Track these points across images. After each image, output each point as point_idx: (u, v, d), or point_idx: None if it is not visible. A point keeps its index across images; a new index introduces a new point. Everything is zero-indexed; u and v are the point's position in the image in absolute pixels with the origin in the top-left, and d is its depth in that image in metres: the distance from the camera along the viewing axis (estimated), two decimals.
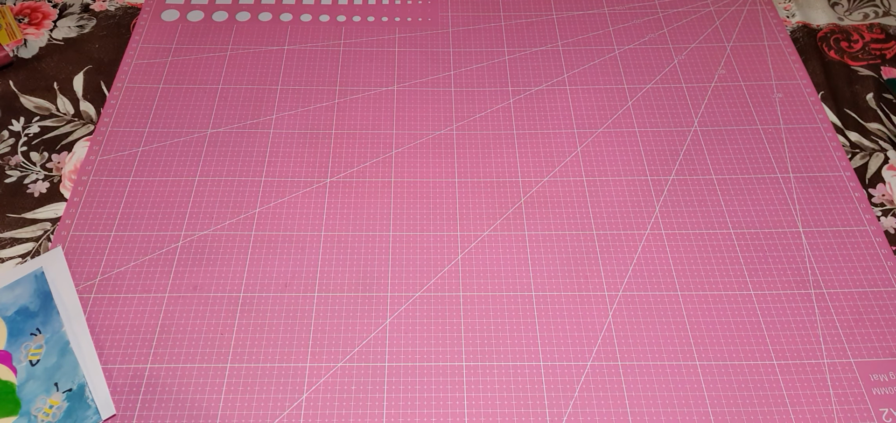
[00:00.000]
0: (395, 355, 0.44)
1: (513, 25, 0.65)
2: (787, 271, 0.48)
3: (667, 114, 0.58)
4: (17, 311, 0.44)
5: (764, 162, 0.54)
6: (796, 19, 0.67)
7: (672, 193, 0.52)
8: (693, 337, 0.45)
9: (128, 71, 0.60)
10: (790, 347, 0.44)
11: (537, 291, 0.47)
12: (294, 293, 0.46)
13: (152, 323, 0.45)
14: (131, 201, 0.51)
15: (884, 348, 0.44)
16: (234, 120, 0.56)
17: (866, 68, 0.62)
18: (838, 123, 0.58)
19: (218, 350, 0.44)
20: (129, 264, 0.47)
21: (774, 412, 0.42)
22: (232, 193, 0.52)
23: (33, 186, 0.52)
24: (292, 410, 0.41)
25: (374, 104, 0.58)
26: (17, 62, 0.61)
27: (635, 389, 0.42)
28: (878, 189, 0.53)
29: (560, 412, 0.41)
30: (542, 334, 0.45)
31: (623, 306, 0.46)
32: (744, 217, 0.51)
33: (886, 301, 0.47)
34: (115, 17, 0.65)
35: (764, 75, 0.61)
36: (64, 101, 0.58)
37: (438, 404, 0.42)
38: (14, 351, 0.42)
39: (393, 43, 0.63)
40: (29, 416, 0.40)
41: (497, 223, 0.50)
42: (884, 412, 0.42)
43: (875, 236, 0.50)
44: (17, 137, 0.55)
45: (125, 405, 0.41)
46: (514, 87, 0.60)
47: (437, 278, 0.47)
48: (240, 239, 0.49)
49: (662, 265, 0.48)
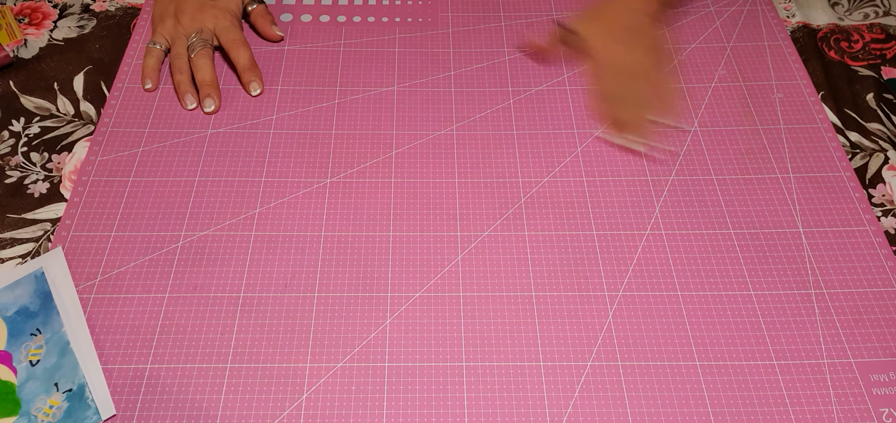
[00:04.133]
0: (395, 355, 0.44)
1: (513, 25, 0.65)
2: (787, 271, 0.48)
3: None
4: (17, 311, 0.44)
5: (764, 162, 0.54)
6: (796, 19, 0.67)
7: (672, 193, 0.52)
8: (693, 337, 0.45)
9: (128, 71, 0.60)
10: (790, 347, 0.44)
11: (537, 291, 0.47)
12: (294, 293, 0.46)
13: (152, 323, 0.45)
14: (131, 202, 0.51)
15: (884, 349, 0.44)
16: (234, 120, 0.56)
17: (866, 68, 0.62)
18: (838, 123, 0.58)
19: (218, 350, 0.44)
20: (129, 264, 0.47)
21: (774, 412, 0.42)
22: (232, 193, 0.52)
23: (33, 186, 0.52)
24: (292, 410, 0.41)
25: (374, 104, 0.58)
26: (17, 62, 0.61)
27: (635, 389, 0.42)
28: (879, 189, 0.53)
29: (560, 412, 0.42)
30: (542, 334, 0.45)
31: (623, 306, 0.46)
32: (744, 217, 0.51)
33: (886, 301, 0.47)
34: (116, 17, 0.65)
35: (764, 75, 0.61)
36: (64, 101, 0.58)
37: (438, 404, 0.42)
38: (14, 351, 0.42)
39: (393, 43, 0.63)
40: (29, 416, 0.40)
41: (497, 223, 0.50)
42: (884, 412, 0.42)
43: (875, 237, 0.50)
44: (18, 138, 0.55)
45: (125, 405, 0.41)
46: (514, 87, 0.60)
47: (437, 278, 0.47)
48: (240, 239, 0.49)
49: (662, 265, 0.48)
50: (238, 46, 0.58)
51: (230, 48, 0.58)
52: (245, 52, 0.58)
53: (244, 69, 0.57)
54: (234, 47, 0.58)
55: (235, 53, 0.58)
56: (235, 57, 0.58)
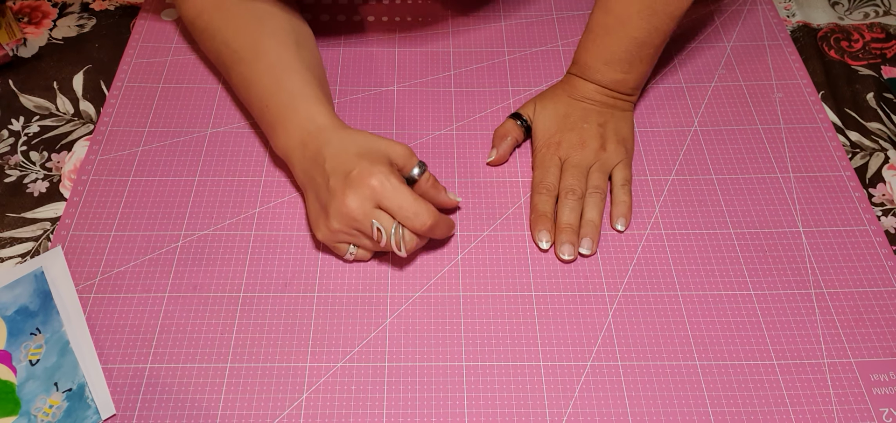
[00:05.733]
0: (395, 355, 0.44)
1: (513, 25, 0.65)
2: (787, 271, 0.48)
3: (667, 114, 0.58)
4: (16, 310, 0.44)
5: (764, 162, 0.54)
6: (796, 19, 0.67)
7: (672, 193, 0.52)
8: (693, 337, 0.45)
9: (128, 70, 0.60)
10: (790, 347, 0.44)
11: (537, 291, 0.47)
12: (294, 293, 0.46)
13: (152, 323, 0.45)
14: (131, 201, 0.51)
15: (884, 348, 0.44)
16: (234, 120, 0.56)
17: (867, 68, 0.62)
18: (838, 122, 0.58)
19: (218, 350, 0.44)
20: (129, 263, 0.47)
21: (774, 412, 0.42)
22: (232, 193, 0.52)
23: (33, 185, 0.52)
24: (292, 410, 0.41)
25: (374, 104, 0.58)
26: (16, 61, 0.61)
27: (635, 389, 0.42)
28: (879, 189, 0.53)
29: (560, 412, 0.41)
30: (542, 334, 0.45)
31: (623, 306, 0.46)
32: (744, 217, 0.51)
33: (886, 301, 0.47)
34: (115, 16, 0.65)
35: (764, 75, 0.61)
36: (64, 100, 0.58)
37: (438, 404, 0.42)
38: (14, 351, 0.42)
39: (393, 43, 0.63)
40: (29, 416, 0.40)
41: (497, 223, 0.50)
42: (884, 412, 0.42)
43: (875, 236, 0.50)
44: (17, 137, 0.55)
45: (125, 405, 0.41)
46: (514, 87, 0.60)
47: (437, 278, 0.47)
48: (240, 239, 0.49)
49: (662, 265, 0.48)
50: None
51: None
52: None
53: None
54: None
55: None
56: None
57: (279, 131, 0.48)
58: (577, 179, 0.50)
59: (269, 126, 0.50)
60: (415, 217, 0.43)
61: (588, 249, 0.48)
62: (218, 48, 0.53)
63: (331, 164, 0.44)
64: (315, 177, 0.46)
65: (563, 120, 0.53)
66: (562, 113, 0.53)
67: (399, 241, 0.43)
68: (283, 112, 0.48)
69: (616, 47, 0.52)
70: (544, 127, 0.53)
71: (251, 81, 0.50)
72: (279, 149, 0.49)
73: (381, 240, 0.43)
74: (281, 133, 0.48)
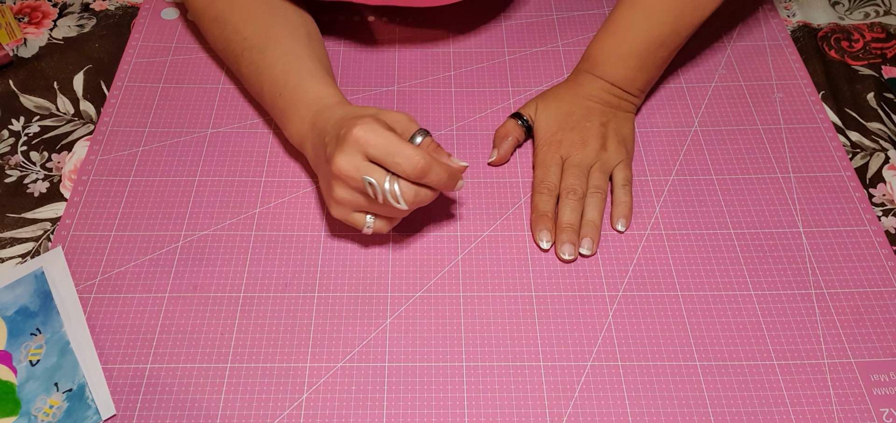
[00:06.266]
0: (395, 355, 0.44)
1: (513, 25, 0.65)
2: (787, 271, 0.48)
3: (667, 114, 0.58)
4: (17, 311, 0.44)
5: (764, 162, 0.54)
6: (797, 19, 0.67)
7: (672, 194, 0.52)
8: (693, 337, 0.45)
9: (128, 70, 0.60)
10: (790, 347, 0.44)
11: (537, 291, 0.47)
12: (294, 293, 0.46)
13: (152, 323, 0.45)
14: (131, 201, 0.51)
15: (884, 348, 0.44)
16: (234, 120, 0.56)
17: (867, 68, 0.62)
18: (839, 122, 0.58)
19: (218, 350, 0.44)
20: (129, 263, 0.47)
21: (774, 412, 0.42)
22: (232, 193, 0.52)
23: (33, 185, 0.52)
24: (292, 410, 0.41)
25: (374, 104, 0.58)
26: (16, 61, 0.61)
27: (635, 389, 0.42)
28: (879, 189, 0.53)
29: (560, 412, 0.41)
30: (542, 334, 0.45)
31: (623, 306, 0.46)
32: (744, 217, 0.51)
33: (887, 301, 0.47)
34: (115, 16, 0.65)
35: (764, 75, 0.61)
36: (64, 100, 0.58)
37: (438, 404, 0.42)
38: (14, 351, 0.42)
39: (393, 43, 0.63)
40: (29, 416, 0.40)
41: (497, 223, 0.50)
42: (884, 413, 0.42)
43: (875, 236, 0.50)
44: (17, 137, 0.55)
45: (125, 405, 0.41)
46: (514, 87, 0.60)
47: (437, 278, 0.47)
48: (240, 239, 0.49)
49: (662, 265, 0.48)
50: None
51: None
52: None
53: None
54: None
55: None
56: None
57: (292, 116, 0.48)
58: (578, 179, 0.50)
59: (281, 113, 0.50)
60: (406, 161, 0.40)
61: (588, 249, 0.48)
62: (228, 36, 0.53)
63: (329, 135, 0.44)
64: (320, 152, 0.45)
65: (566, 118, 0.53)
66: (564, 111, 0.53)
67: (394, 192, 0.41)
68: (295, 96, 0.48)
69: (635, 41, 0.52)
70: (546, 125, 0.53)
71: (263, 68, 0.51)
72: (293, 135, 0.49)
73: (377, 195, 0.42)
74: (293, 118, 0.48)
